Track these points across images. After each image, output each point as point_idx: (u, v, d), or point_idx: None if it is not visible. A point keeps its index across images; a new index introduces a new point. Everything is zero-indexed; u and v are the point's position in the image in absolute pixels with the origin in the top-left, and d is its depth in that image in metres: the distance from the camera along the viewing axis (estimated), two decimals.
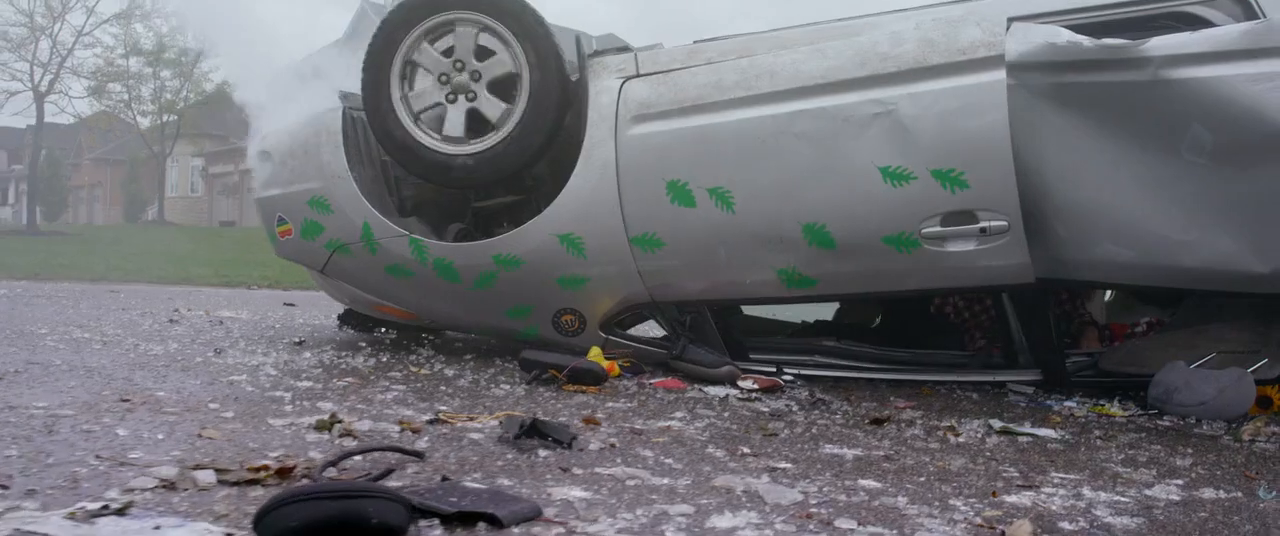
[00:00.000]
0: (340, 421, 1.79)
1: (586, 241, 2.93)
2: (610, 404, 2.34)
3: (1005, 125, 2.51)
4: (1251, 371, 2.67)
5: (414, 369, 2.84)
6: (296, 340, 3.51)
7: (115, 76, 24.93)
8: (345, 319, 3.93)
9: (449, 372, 2.81)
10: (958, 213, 2.59)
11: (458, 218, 3.32)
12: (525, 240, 2.98)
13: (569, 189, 2.94)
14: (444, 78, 2.99)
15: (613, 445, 1.79)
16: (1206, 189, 2.51)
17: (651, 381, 2.78)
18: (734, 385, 2.72)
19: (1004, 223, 2.58)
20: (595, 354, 2.90)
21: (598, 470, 1.56)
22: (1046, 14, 2.75)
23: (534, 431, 1.71)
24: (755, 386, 2.67)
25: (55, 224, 24.98)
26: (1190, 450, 2.10)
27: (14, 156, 38.11)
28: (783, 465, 1.70)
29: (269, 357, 2.94)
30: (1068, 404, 2.75)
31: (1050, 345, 2.97)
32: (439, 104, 3.01)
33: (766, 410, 2.38)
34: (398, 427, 1.84)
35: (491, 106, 2.96)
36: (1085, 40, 2.58)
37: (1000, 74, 2.52)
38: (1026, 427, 2.26)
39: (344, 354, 3.13)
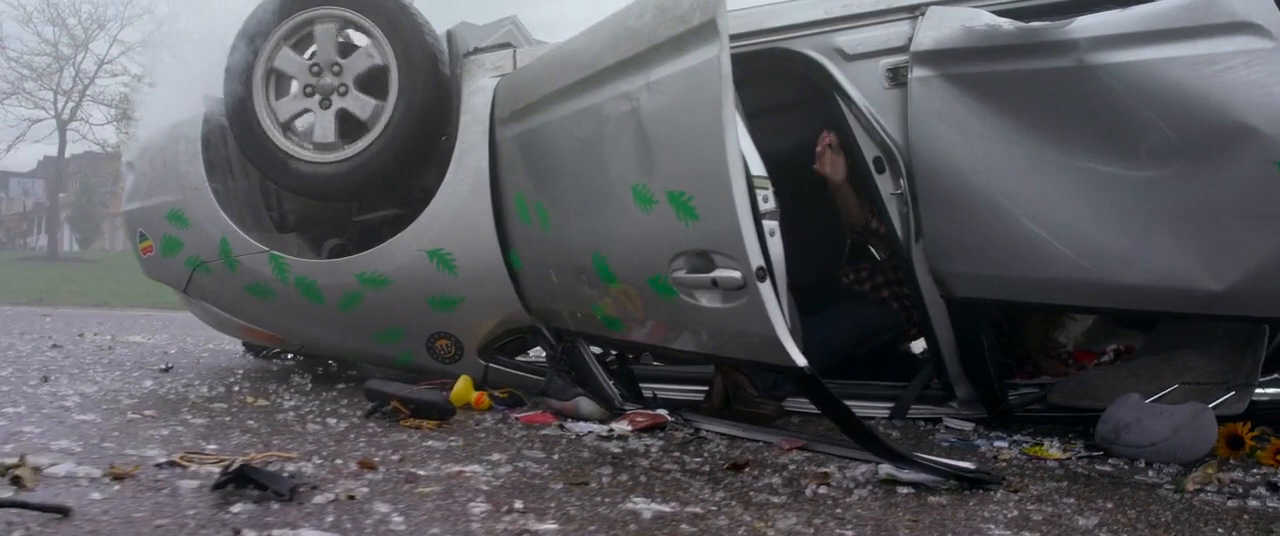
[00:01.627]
0: (22, 465, 1.49)
1: (458, 258, 2.62)
2: (431, 442, 2.01)
3: (720, 127, 1.69)
4: (1215, 406, 2.26)
5: (251, 400, 2.54)
6: (163, 366, 3.24)
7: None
8: (250, 345, 3.67)
9: (289, 404, 2.50)
10: (696, 253, 1.84)
11: (342, 233, 3.04)
12: (392, 257, 2.68)
13: (438, 199, 2.64)
14: (310, 84, 2.72)
15: (351, 497, 1.46)
16: (1149, 193, 2.12)
17: (517, 416, 2.45)
18: (604, 421, 2.37)
19: (736, 275, 1.75)
20: (465, 385, 2.58)
21: (276, 534, 1.23)
22: None
23: (245, 480, 1.39)
24: (629, 425, 2.32)
25: (87, 251, 25.37)
26: (1109, 505, 1.71)
27: (56, 185, 38.96)
28: (546, 527, 1.36)
29: (97, 386, 2.67)
30: (999, 444, 2.36)
31: (986, 375, 2.58)
32: (307, 110, 2.75)
33: (618, 451, 2.03)
34: (106, 474, 1.55)
35: (361, 105, 2.69)
36: (1006, 23, 2.23)
37: (714, 50, 1.74)
38: (919, 476, 1.88)
39: (195, 382, 2.85)
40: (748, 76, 2.71)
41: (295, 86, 2.73)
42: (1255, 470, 2.06)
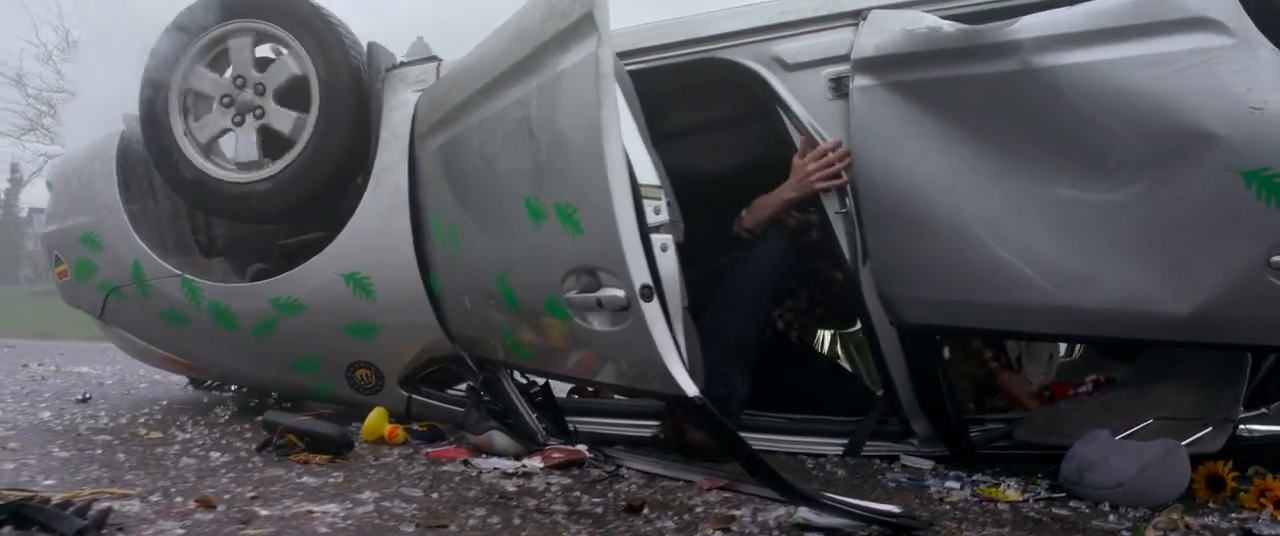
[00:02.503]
0: None
1: (376, 282, 2.46)
2: (307, 479, 1.83)
3: (597, 131, 1.53)
4: (1188, 443, 2.04)
5: (144, 432, 2.37)
6: (81, 396, 3.09)
7: None
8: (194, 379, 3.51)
9: (182, 437, 2.33)
10: (584, 271, 1.67)
11: (269, 258, 2.89)
12: (307, 281, 2.52)
13: (356, 220, 2.49)
14: (227, 99, 2.59)
15: None
16: (1105, 207, 1.92)
17: (428, 451, 2.26)
18: (519, 457, 2.18)
19: (619, 294, 1.58)
20: (378, 417, 2.40)
21: None
22: None
23: (25, 520, 1.22)
24: (542, 462, 2.12)
25: None
26: None
27: None
28: None
29: None
30: (951, 484, 2.14)
31: (943, 409, 2.37)
32: (227, 130, 2.62)
33: (514, 489, 1.84)
34: None
35: (283, 118, 2.55)
36: (947, 25, 2.06)
37: (591, 46, 1.57)
38: (836, 521, 1.67)
39: (100, 414, 2.68)
40: (686, 89, 2.56)
41: (215, 106, 2.60)
42: (1233, 515, 1.84)
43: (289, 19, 2.49)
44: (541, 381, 2.44)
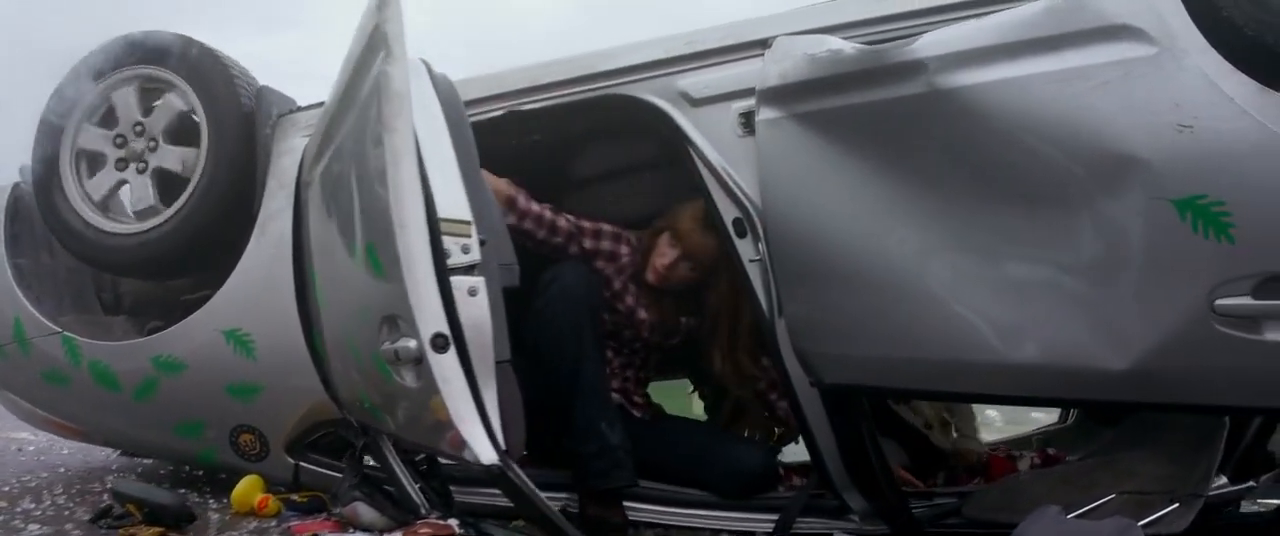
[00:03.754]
0: None
1: (257, 339, 2.28)
2: None
3: (381, 157, 1.37)
4: (1148, 522, 1.74)
5: None
6: None
7: None
8: None
9: (25, 508, 2.15)
10: (388, 318, 1.48)
11: (169, 315, 2.72)
12: (187, 338, 2.34)
13: (238, 272, 2.31)
14: (120, 155, 2.47)
15: None
16: (1029, 247, 1.68)
17: (294, 525, 2.04)
18: (385, 530, 1.95)
19: (411, 345, 1.39)
20: (248, 485, 2.19)
21: None
22: None
23: None
24: None
25: None
26: None
27: None
28: None
29: None
30: None
31: (874, 481, 2.10)
32: (123, 182, 2.49)
33: None
34: None
35: (175, 157, 2.41)
36: (848, 47, 1.85)
37: (379, 62, 1.41)
38: None
39: None
40: (595, 130, 2.38)
41: (108, 161, 2.48)
42: None
43: (170, 57, 2.37)
44: None
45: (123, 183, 2.49)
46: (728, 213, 2.12)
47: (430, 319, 1.29)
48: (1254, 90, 1.44)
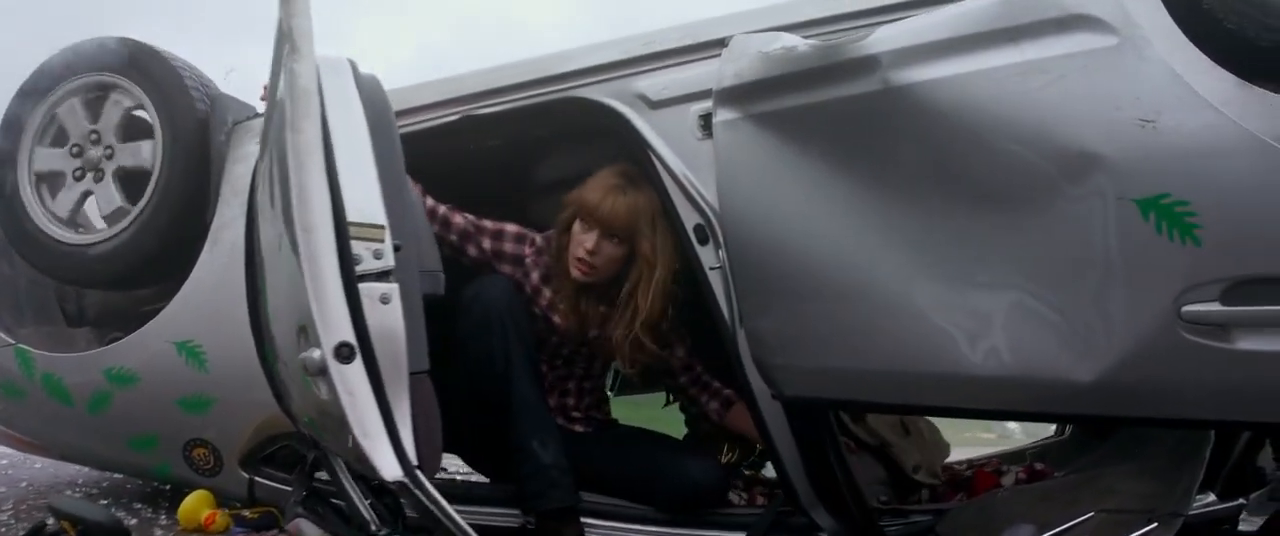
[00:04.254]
0: None
1: (208, 351, 2.22)
2: None
3: (284, 155, 1.34)
4: None
5: None
6: None
7: None
8: None
9: None
10: (301, 326, 1.40)
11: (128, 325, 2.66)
12: (139, 350, 2.29)
13: (191, 283, 2.26)
14: (78, 170, 2.42)
15: None
16: (989, 250, 1.58)
17: None
18: None
19: (315, 355, 1.31)
20: (195, 500, 2.13)
21: None
22: None
23: None
24: None
25: None
26: None
27: None
28: None
29: None
30: None
31: (841, 499, 2.01)
32: (87, 193, 2.44)
33: None
34: None
35: (132, 154, 2.36)
36: (802, 44, 1.77)
37: (284, 57, 1.35)
38: None
39: None
40: (556, 135, 2.31)
41: (68, 178, 2.44)
42: None
43: (114, 59, 2.33)
44: None
45: (88, 193, 2.45)
46: (689, 219, 2.05)
47: (334, 327, 1.22)
48: (1232, 85, 1.34)
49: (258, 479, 2.32)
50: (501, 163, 2.38)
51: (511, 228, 2.25)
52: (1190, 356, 1.39)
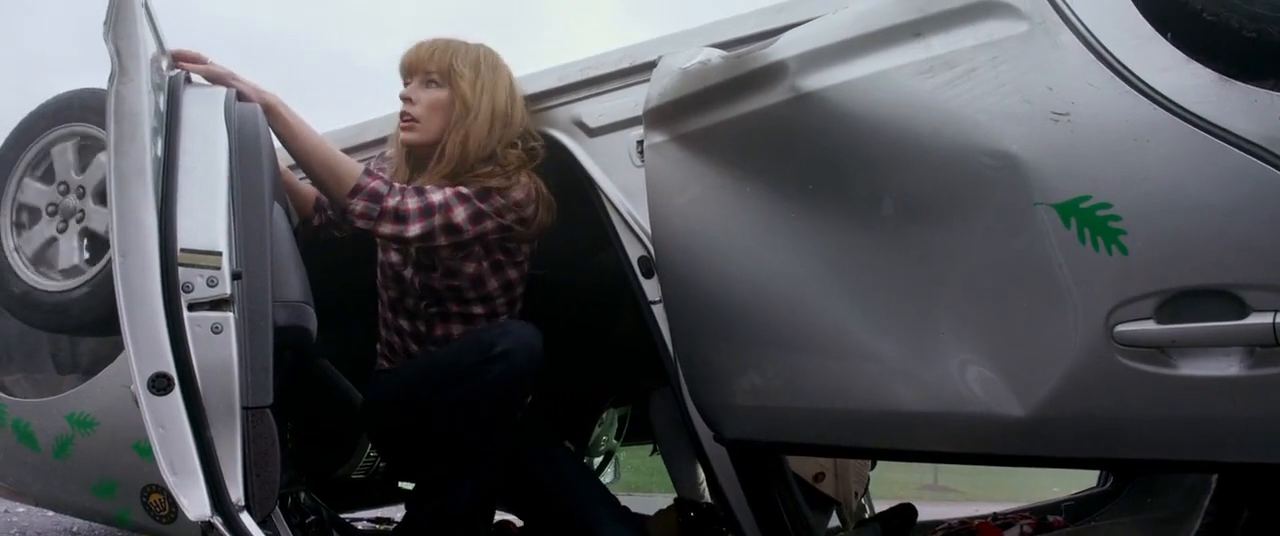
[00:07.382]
0: None
1: None
2: None
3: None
4: None
5: None
6: None
7: None
8: None
9: None
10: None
11: None
12: (99, 394, 2.28)
13: None
14: (52, 208, 2.47)
15: None
16: (915, 272, 1.42)
17: None
18: None
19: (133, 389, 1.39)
20: None
21: None
22: None
23: None
24: None
25: None
26: None
27: None
28: None
29: None
30: None
31: None
32: (54, 238, 2.48)
33: None
34: None
35: (102, 218, 2.39)
36: (716, 56, 1.66)
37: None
38: None
39: None
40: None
41: (42, 216, 2.48)
42: None
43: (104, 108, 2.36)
44: (323, 507, 2.07)
45: (53, 239, 2.48)
46: (633, 251, 1.94)
47: (148, 357, 1.16)
48: (1212, 80, 1.16)
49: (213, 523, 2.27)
50: None
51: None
52: (1128, 383, 1.19)
